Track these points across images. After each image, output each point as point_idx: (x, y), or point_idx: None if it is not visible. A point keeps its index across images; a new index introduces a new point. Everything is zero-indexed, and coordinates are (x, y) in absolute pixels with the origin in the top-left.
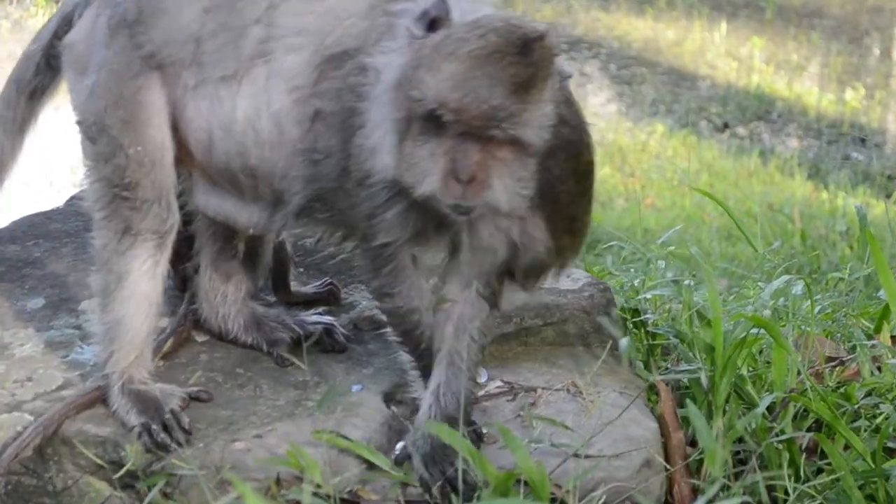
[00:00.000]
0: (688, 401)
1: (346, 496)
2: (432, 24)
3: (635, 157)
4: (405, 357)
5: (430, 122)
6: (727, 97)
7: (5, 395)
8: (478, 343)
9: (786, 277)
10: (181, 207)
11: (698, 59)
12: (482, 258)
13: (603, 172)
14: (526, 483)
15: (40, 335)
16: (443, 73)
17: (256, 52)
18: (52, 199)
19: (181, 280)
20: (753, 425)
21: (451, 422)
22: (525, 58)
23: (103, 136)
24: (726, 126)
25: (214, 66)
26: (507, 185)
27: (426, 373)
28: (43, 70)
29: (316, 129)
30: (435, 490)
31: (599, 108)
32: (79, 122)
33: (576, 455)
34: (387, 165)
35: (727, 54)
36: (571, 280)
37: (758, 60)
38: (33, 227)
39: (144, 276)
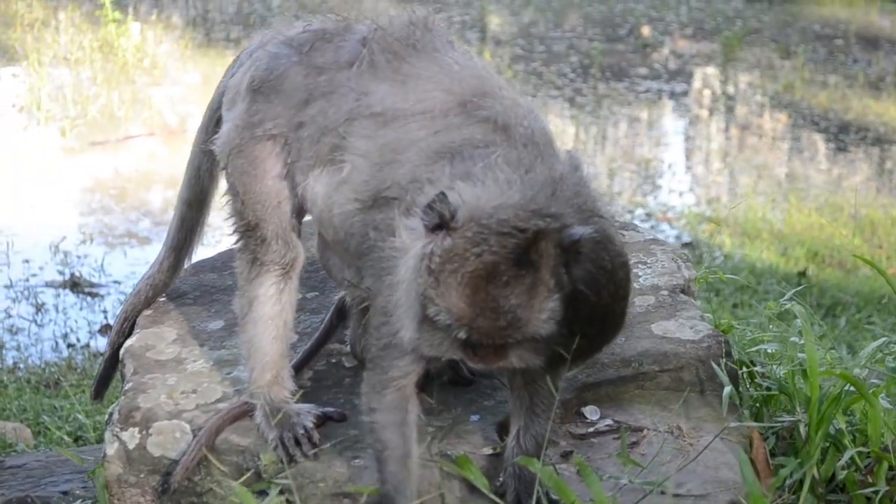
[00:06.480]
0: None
1: None
2: (440, 219)
3: (885, 231)
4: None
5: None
6: None
7: (170, 405)
8: (545, 388)
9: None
10: None
11: None
12: None
13: (854, 242)
14: None
15: (212, 353)
16: (452, 295)
17: (329, 157)
18: None
19: (340, 309)
20: (842, 476)
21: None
22: (522, 265)
23: (227, 180)
24: None
25: (304, 152)
26: (522, 356)
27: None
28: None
29: (367, 244)
30: None
31: (859, 184)
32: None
33: (662, 492)
34: (407, 335)
35: None
36: (693, 331)
37: None
38: (231, 259)
39: (270, 300)
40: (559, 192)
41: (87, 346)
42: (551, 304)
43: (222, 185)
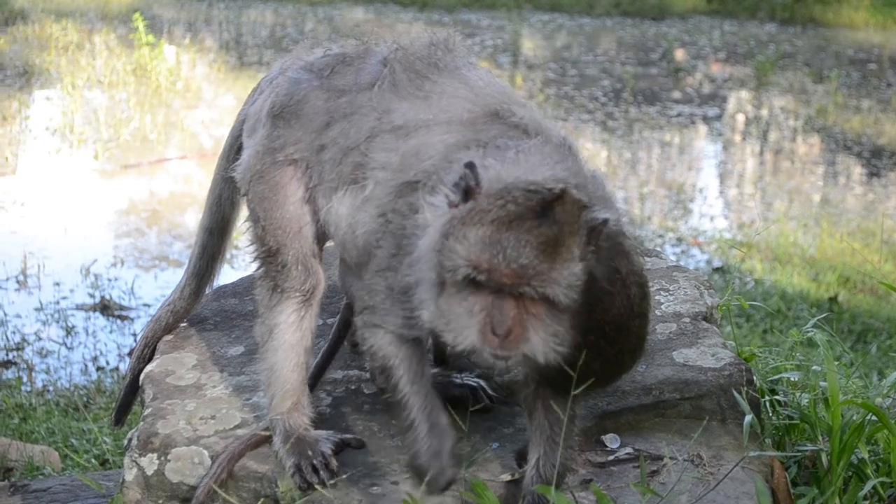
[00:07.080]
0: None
1: None
2: (466, 192)
3: None
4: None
5: (465, 283)
6: None
7: (189, 430)
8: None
9: None
10: None
11: None
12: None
13: (885, 268)
14: None
15: (231, 379)
16: (471, 239)
17: (352, 176)
18: None
19: (346, 319)
20: None
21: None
22: (546, 219)
23: (248, 206)
24: None
25: (326, 175)
26: (543, 339)
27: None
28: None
29: (384, 232)
30: None
31: (892, 210)
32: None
33: None
34: (427, 317)
35: None
36: (715, 359)
37: None
38: (252, 285)
39: (290, 327)
40: (590, 187)
41: (117, 369)
42: (573, 268)
43: (244, 212)
